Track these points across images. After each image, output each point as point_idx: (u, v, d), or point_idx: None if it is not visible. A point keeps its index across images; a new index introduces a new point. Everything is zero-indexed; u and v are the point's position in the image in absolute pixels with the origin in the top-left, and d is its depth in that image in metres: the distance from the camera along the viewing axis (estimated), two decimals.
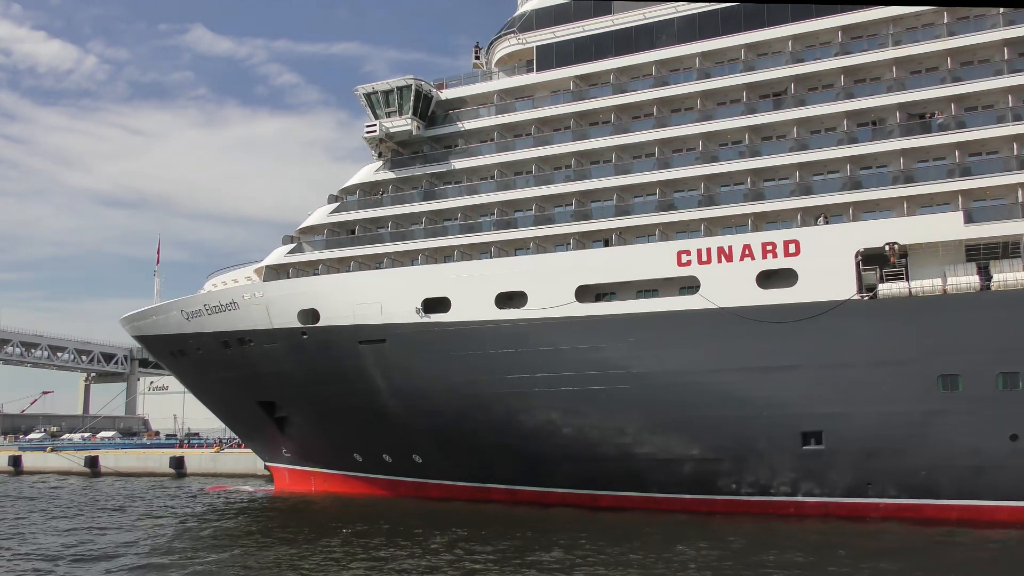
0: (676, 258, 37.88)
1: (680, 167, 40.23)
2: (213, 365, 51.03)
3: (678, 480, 37.81)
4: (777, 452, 35.70)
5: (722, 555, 28.19)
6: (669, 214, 39.65)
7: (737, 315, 36.08)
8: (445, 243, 43.80)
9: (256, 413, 50.93)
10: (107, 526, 38.40)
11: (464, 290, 41.54)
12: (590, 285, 39.61)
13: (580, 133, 42.83)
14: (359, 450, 47.47)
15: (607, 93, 42.42)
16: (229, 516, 42.99)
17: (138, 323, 55.63)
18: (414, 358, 42.56)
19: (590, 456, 39.26)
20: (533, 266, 40.75)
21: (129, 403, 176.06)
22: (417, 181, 46.20)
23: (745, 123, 39.37)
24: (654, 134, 40.98)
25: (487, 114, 45.02)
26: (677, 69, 41.63)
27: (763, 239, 36.56)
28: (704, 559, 27.68)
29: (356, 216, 46.77)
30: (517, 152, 43.71)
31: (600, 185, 41.55)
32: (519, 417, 40.47)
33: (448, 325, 41.54)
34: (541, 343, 39.61)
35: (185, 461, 72.61)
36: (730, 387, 36.07)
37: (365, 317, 43.41)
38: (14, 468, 78.59)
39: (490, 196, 43.63)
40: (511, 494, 42.27)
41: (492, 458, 42.07)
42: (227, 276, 52.72)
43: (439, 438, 43.25)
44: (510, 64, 45.89)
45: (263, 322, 46.93)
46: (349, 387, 44.74)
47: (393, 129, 45.05)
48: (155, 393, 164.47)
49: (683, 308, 37.37)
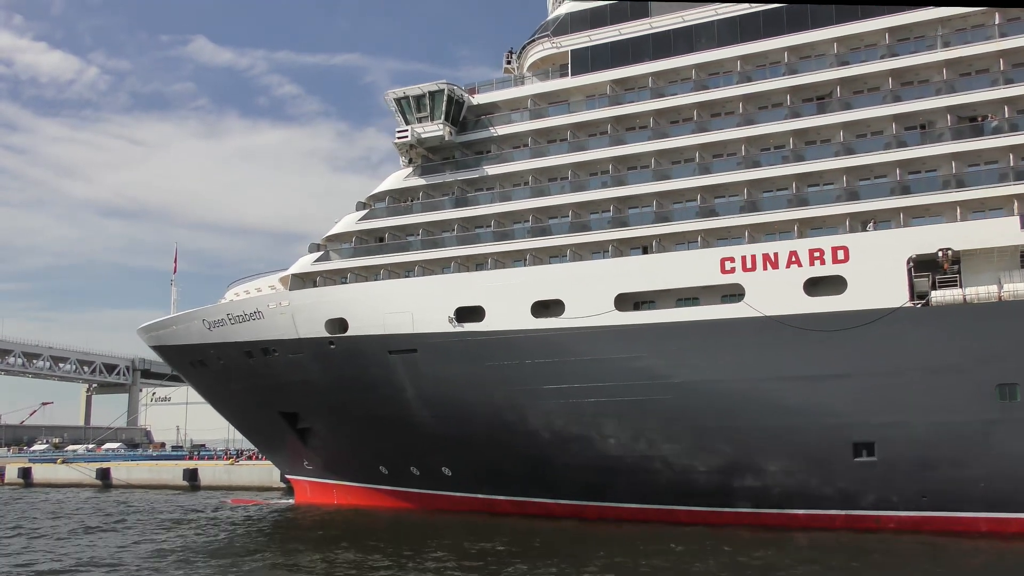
0: (720, 265, 37.01)
1: (721, 172, 39.40)
2: (234, 375, 50.09)
3: (724, 493, 36.84)
4: (828, 463, 34.74)
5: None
6: (711, 220, 38.80)
7: (784, 323, 35.19)
8: (478, 251, 42.92)
9: (277, 424, 49.95)
10: (140, 539, 37.42)
11: (499, 299, 40.64)
12: (630, 293, 38.73)
13: (617, 138, 42.03)
14: (385, 462, 46.46)
15: (645, 97, 41.65)
16: (267, 530, 41.99)
17: (157, 333, 54.66)
18: (446, 368, 41.62)
19: (631, 468, 38.29)
20: (571, 274, 39.86)
21: (131, 414, 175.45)
22: (448, 187, 45.33)
23: (789, 127, 38.58)
24: (694, 139, 40.18)
25: (520, 119, 44.17)
26: (717, 73, 40.90)
27: (810, 245, 35.70)
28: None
29: (385, 223, 45.89)
30: (552, 157, 42.90)
31: (638, 191, 40.71)
32: (556, 428, 39.53)
33: (482, 334, 40.62)
34: (580, 352, 38.69)
35: (199, 473, 71.49)
36: (778, 397, 35.16)
37: (396, 326, 42.50)
38: (24, 480, 77.41)
39: (524, 203, 42.75)
40: (546, 508, 41.25)
41: (527, 471, 41.07)
42: (249, 285, 51.75)
43: (471, 450, 42.26)
44: (543, 69, 45.12)
45: (289, 331, 46.00)
46: (377, 398, 43.81)
47: (425, 135, 44.19)
48: (157, 404, 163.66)
49: (727, 316, 36.50)
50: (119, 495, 64.01)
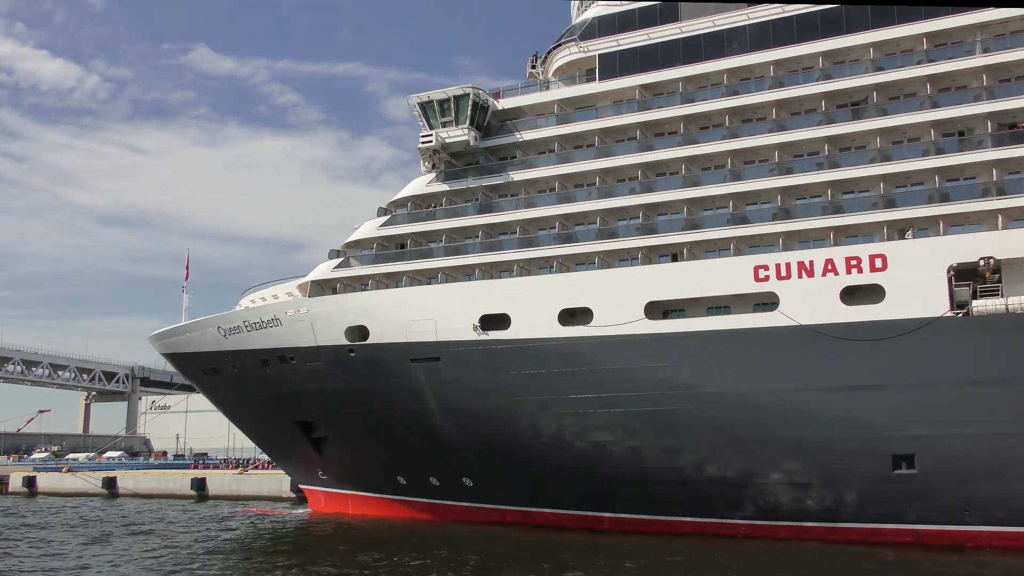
0: (753, 273, 36.32)
1: (753, 179, 38.75)
2: (249, 384, 49.24)
3: (755, 506, 36.06)
4: (865, 476, 33.99)
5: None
6: (743, 227, 38.11)
7: (820, 332, 34.47)
8: (503, 257, 42.19)
9: (292, 433, 49.12)
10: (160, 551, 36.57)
11: (525, 306, 39.91)
12: (660, 301, 38.00)
13: (646, 144, 41.36)
14: (404, 472, 45.61)
15: (675, 102, 41.01)
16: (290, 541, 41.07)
17: (170, 340, 53.80)
18: (470, 377, 40.85)
19: (660, 480, 37.52)
20: (600, 281, 39.15)
21: (129, 422, 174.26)
22: (472, 193, 44.63)
23: (823, 134, 37.93)
24: (725, 145, 39.52)
25: (546, 124, 43.53)
26: (748, 78, 40.27)
27: (847, 253, 35.02)
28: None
29: (407, 230, 45.15)
30: (579, 163, 42.21)
31: (668, 198, 40.03)
32: (583, 439, 38.76)
33: (508, 343, 39.86)
34: (608, 361, 37.96)
35: (207, 483, 70.49)
36: (813, 408, 34.44)
37: (418, 334, 41.73)
38: (28, 489, 76.43)
39: (550, 209, 42.08)
40: (573, 520, 40.43)
41: (552, 482, 40.29)
42: (265, 292, 51.02)
43: (494, 460, 41.47)
44: (569, 73, 44.48)
45: (307, 339, 45.20)
46: (397, 407, 43.01)
47: (449, 139, 43.51)
48: (157, 413, 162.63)
49: (761, 325, 35.78)
50: (132, 505, 62.96)
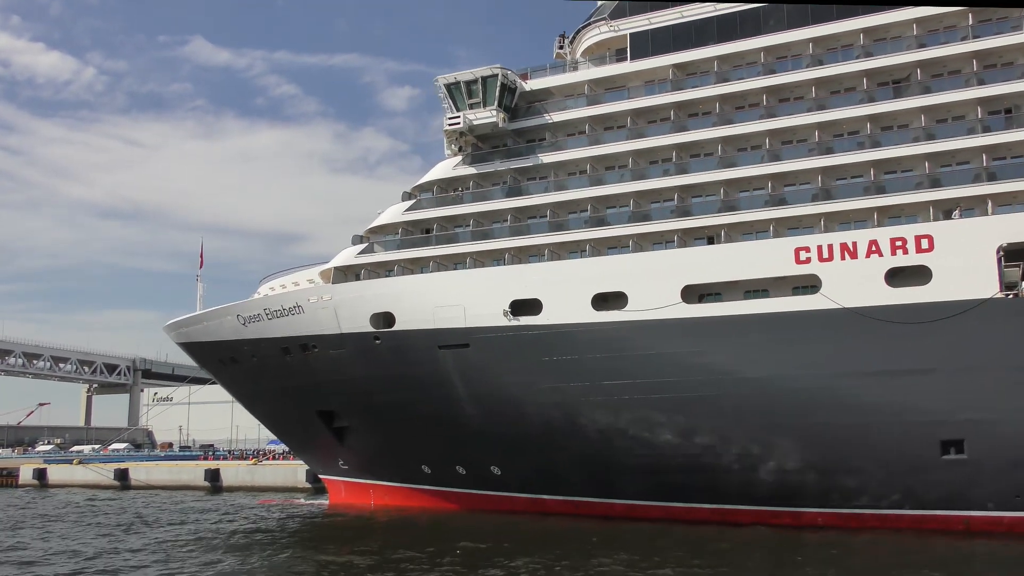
0: (794, 255, 35.48)
1: (792, 159, 37.89)
2: (269, 373, 48.36)
3: (797, 493, 35.32)
4: (912, 462, 33.23)
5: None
6: (782, 209, 37.26)
7: (864, 315, 33.67)
8: (533, 241, 41.28)
9: (312, 423, 48.29)
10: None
11: (557, 291, 39.06)
12: (697, 285, 37.19)
13: (680, 124, 40.46)
14: (429, 462, 44.83)
15: (709, 82, 40.09)
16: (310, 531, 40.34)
17: (186, 329, 52.87)
18: (500, 363, 40.04)
19: (698, 467, 36.77)
20: (634, 265, 38.29)
21: (132, 414, 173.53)
22: (499, 176, 43.67)
23: (864, 112, 37.06)
24: (762, 125, 38.64)
25: (576, 105, 42.52)
26: (785, 56, 39.35)
27: (892, 234, 34.17)
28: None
29: (433, 214, 44.22)
30: (611, 145, 41.30)
31: (703, 179, 39.16)
32: (616, 425, 37.98)
33: (540, 328, 39.02)
34: (643, 347, 37.15)
35: (221, 474, 69.71)
36: (858, 392, 33.65)
37: (447, 320, 40.87)
38: (39, 481, 75.73)
39: (581, 192, 41.14)
40: (603, 508, 39.69)
41: (584, 470, 39.52)
42: (285, 280, 50.11)
43: (524, 448, 40.67)
44: (598, 53, 43.49)
45: (330, 326, 44.32)
46: (424, 395, 42.17)
47: (477, 121, 42.48)
48: (159, 404, 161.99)
49: (803, 308, 34.98)
50: (147, 496, 62.17)
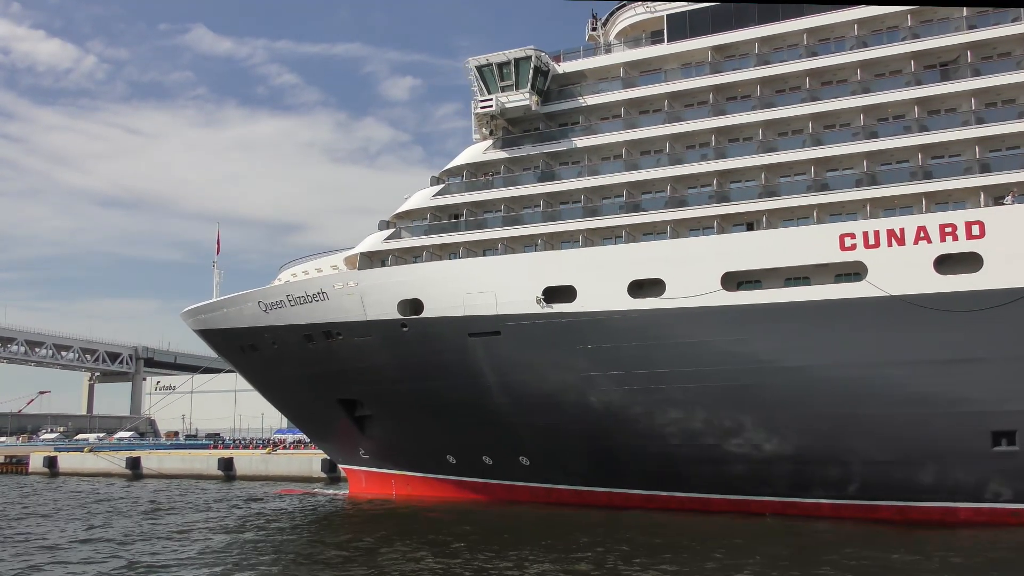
0: (839, 242, 34.66)
1: (835, 144, 37.02)
2: (289, 361, 47.57)
3: (841, 485, 34.64)
4: (962, 454, 32.53)
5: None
6: (825, 195, 36.40)
7: (912, 303, 32.90)
8: (567, 227, 40.42)
9: (333, 412, 47.54)
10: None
11: (592, 278, 38.26)
12: (737, 272, 36.38)
13: (718, 108, 39.56)
14: (455, 451, 44.11)
15: (749, 65, 39.19)
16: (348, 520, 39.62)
17: (205, 316, 52.00)
18: (533, 352, 39.25)
19: (736, 457, 36.07)
20: (672, 251, 37.46)
21: (134, 403, 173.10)
22: (531, 161, 42.76)
23: (911, 95, 36.18)
24: (804, 108, 37.76)
25: (611, 88, 41.61)
26: (828, 39, 38.45)
27: (941, 220, 33.37)
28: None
29: (462, 199, 43.32)
30: (647, 129, 40.38)
31: (742, 164, 38.33)
32: (654, 415, 37.24)
33: (574, 315, 38.23)
34: (682, 335, 36.39)
35: (234, 462, 69.00)
36: (905, 382, 32.91)
37: (477, 307, 40.07)
38: (49, 469, 75.13)
39: (616, 176, 40.25)
40: (637, 499, 38.98)
41: (619, 460, 38.82)
42: (307, 266, 49.23)
43: (555, 438, 39.94)
44: (633, 36, 42.52)
45: (356, 313, 43.50)
46: (452, 383, 41.42)
47: (509, 104, 41.54)
48: (161, 393, 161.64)
49: (848, 296, 34.20)
50: (162, 485, 61.46)
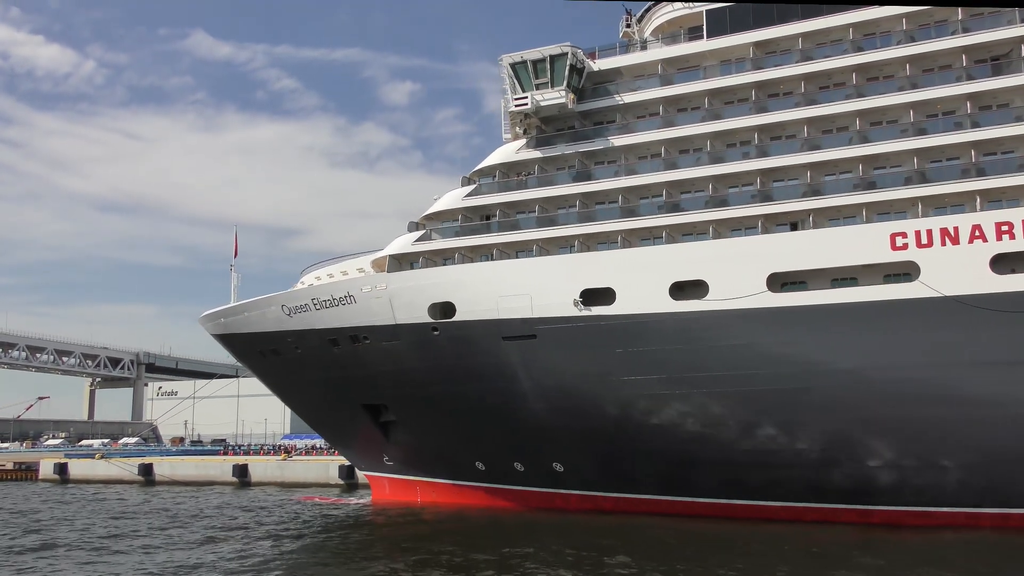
0: (889, 241, 33.76)
1: (882, 141, 36.14)
2: (312, 365, 46.57)
3: (893, 492, 33.67)
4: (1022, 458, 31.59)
5: None
6: (873, 193, 35.47)
7: (968, 304, 31.97)
8: (605, 228, 39.46)
9: (357, 417, 46.55)
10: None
11: (632, 279, 37.31)
12: (782, 273, 35.44)
13: (760, 105, 38.64)
14: (485, 458, 43.10)
15: (792, 61, 38.31)
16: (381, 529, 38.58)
17: (224, 320, 51.00)
18: (570, 355, 38.28)
19: (784, 463, 35.10)
20: (715, 252, 36.52)
21: (136, 409, 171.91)
22: (566, 160, 41.82)
23: (961, 91, 35.31)
24: (850, 105, 36.88)
25: (648, 86, 40.67)
26: (874, 33, 37.56)
27: (997, 218, 32.45)
28: None
29: (495, 200, 42.34)
30: (687, 127, 39.45)
31: (786, 162, 37.40)
32: (697, 419, 36.28)
33: (613, 319, 37.27)
34: (727, 337, 35.42)
35: (250, 469, 67.86)
36: (962, 384, 31.98)
37: (512, 310, 39.10)
38: (60, 476, 73.85)
39: (655, 176, 39.31)
40: (678, 506, 37.98)
41: (658, 466, 37.81)
42: (332, 268, 48.21)
43: (591, 445, 38.95)
44: (669, 32, 41.61)
45: (384, 317, 42.49)
46: (485, 388, 40.44)
47: (545, 102, 40.55)
48: (163, 399, 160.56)
49: (900, 296, 33.28)
50: (178, 492, 60.26)
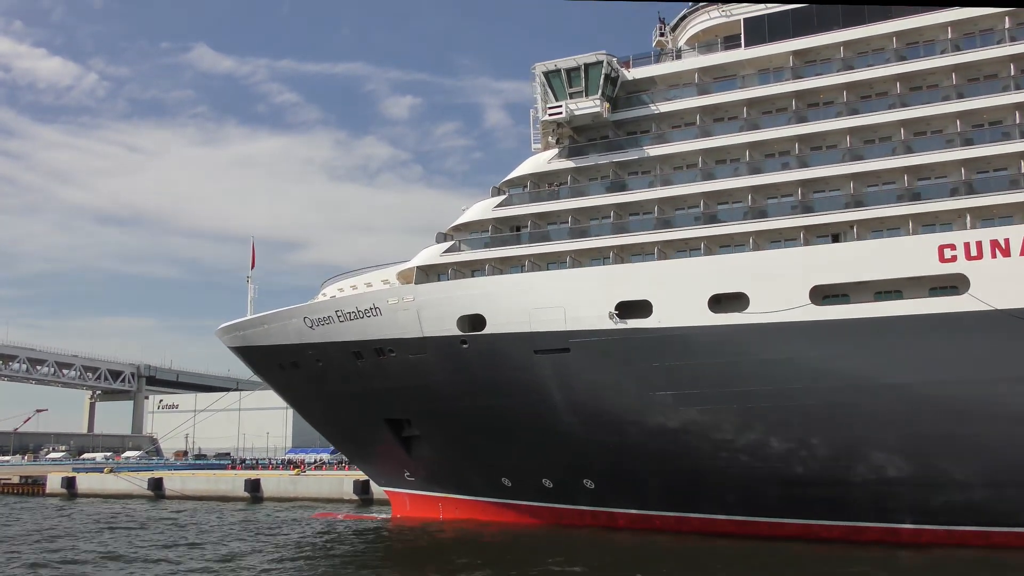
0: (937, 253, 33.02)
1: (927, 152, 35.39)
2: (334, 379, 45.68)
3: (944, 510, 32.72)
4: None
5: None
6: (918, 204, 34.72)
7: (1021, 318, 31.16)
8: (641, 239, 38.65)
9: (378, 432, 45.58)
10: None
11: (669, 292, 36.52)
12: (825, 285, 34.66)
13: (800, 115, 37.91)
14: (511, 474, 42.19)
15: (832, 70, 37.63)
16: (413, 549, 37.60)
17: (243, 332, 50.07)
18: (604, 369, 37.44)
19: (827, 481, 34.17)
20: (756, 264, 35.74)
21: (136, 422, 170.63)
22: (600, 171, 41.05)
23: (1009, 100, 34.59)
24: (893, 115, 36.15)
25: (683, 95, 39.94)
26: (917, 42, 36.89)
27: None
28: None
29: (526, 210, 41.54)
30: (725, 137, 38.70)
31: (827, 173, 36.64)
32: (738, 436, 35.37)
33: (650, 332, 36.42)
34: (768, 351, 34.59)
35: (262, 484, 66.76)
36: (1018, 400, 31.11)
37: (545, 323, 38.26)
38: (67, 490, 72.88)
39: (692, 187, 38.56)
40: (714, 524, 37.04)
41: (695, 483, 36.89)
42: (355, 280, 47.37)
43: (625, 460, 38.01)
44: (704, 41, 40.95)
45: (411, 329, 41.64)
46: (515, 402, 39.55)
47: (579, 111, 39.83)
48: (164, 412, 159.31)
49: (949, 310, 32.48)
50: (190, 507, 59.17)
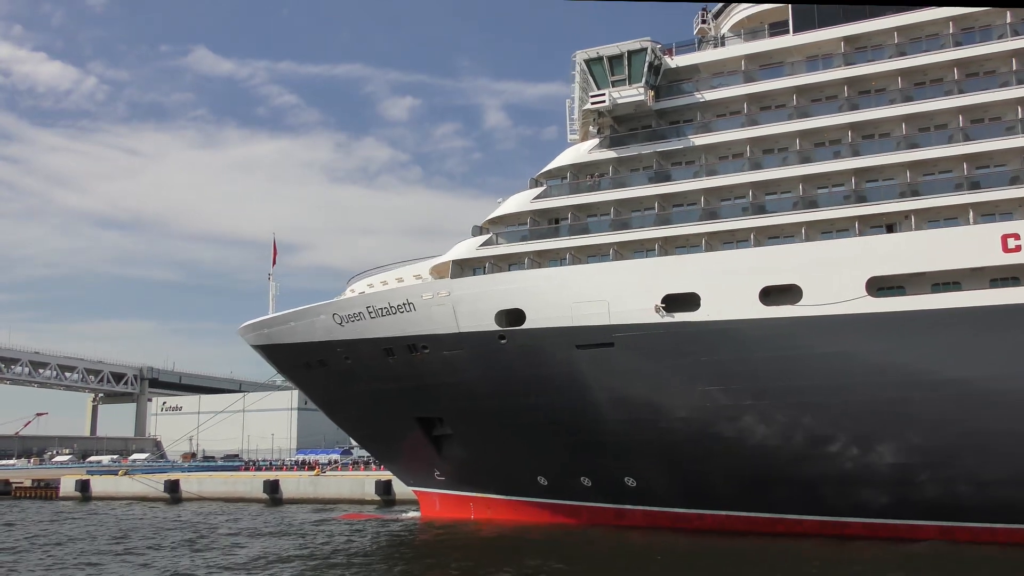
0: (1000, 243, 32.06)
1: (985, 139, 34.46)
2: (363, 377, 44.57)
3: (1009, 509, 31.75)
4: None
5: None
6: (977, 193, 33.76)
7: None
8: (687, 231, 37.60)
9: (408, 430, 44.48)
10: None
11: (718, 284, 35.48)
12: (882, 276, 33.67)
13: (851, 103, 36.92)
14: (548, 472, 41.15)
15: (884, 56, 36.67)
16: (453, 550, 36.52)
17: (268, 331, 48.88)
18: (650, 364, 36.40)
19: (886, 479, 33.19)
20: (810, 255, 34.73)
21: (139, 424, 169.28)
22: (642, 161, 39.97)
23: None
24: (950, 102, 35.20)
25: (728, 83, 38.94)
26: (972, 28, 35.95)
27: None
28: None
29: (566, 202, 40.47)
30: (774, 126, 37.68)
31: (880, 162, 35.68)
32: (791, 432, 34.36)
33: (699, 325, 35.40)
34: (823, 345, 33.57)
35: (280, 485, 65.60)
36: None
37: (587, 317, 37.22)
38: (81, 494, 71.75)
39: (740, 176, 37.53)
40: (763, 523, 36.05)
41: (742, 481, 35.86)
42: (386, 275, 46.27)
43: (669, 458, 37.01)
44: (749, 28, 39.85)
45: (447, 325, 40.55)
46: (555, 399, 38.53)
47: (622, 100, 38.72)
48: (167, 414, 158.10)
49: (1016, 301, 31.51)
50: (209, 509, 57.99)
